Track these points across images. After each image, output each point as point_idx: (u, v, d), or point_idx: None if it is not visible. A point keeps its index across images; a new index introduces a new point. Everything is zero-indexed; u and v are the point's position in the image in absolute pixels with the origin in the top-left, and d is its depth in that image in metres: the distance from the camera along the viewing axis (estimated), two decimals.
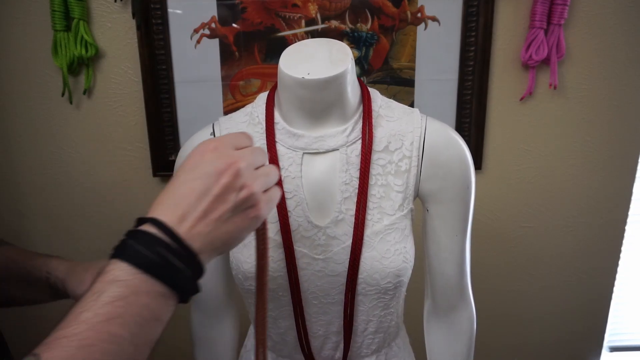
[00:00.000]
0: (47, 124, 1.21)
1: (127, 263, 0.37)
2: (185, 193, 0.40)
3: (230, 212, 0.41)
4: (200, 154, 0.42)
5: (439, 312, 0.73)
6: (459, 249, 0.66)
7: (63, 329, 0.34)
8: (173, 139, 1.21)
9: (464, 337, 0.73)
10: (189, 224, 0.39)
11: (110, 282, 0.36)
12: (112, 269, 0.37)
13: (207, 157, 0.42)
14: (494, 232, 1.32)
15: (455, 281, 0.69)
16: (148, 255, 0.37)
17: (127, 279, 0.36)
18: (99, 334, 0.34)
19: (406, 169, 0.62)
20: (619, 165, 1.27)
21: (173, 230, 0.38)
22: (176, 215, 0.39)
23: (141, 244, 0.37)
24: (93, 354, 0.34)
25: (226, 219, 0.41)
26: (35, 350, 0.34)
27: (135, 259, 0.37)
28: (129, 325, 0.36)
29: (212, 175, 0.41)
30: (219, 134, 0.63)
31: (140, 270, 0.37)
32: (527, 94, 1.20)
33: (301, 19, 1.14)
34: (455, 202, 0.63)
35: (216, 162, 0.41)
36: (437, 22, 1.15)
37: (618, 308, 1.45)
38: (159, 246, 0.38)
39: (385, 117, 0.62)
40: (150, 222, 0.39)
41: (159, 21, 1.13)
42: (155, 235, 0.38)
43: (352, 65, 0.61)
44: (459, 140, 0.63)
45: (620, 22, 1.16)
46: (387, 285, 0.62)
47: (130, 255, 0.37)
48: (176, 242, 0.38)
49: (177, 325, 0.73)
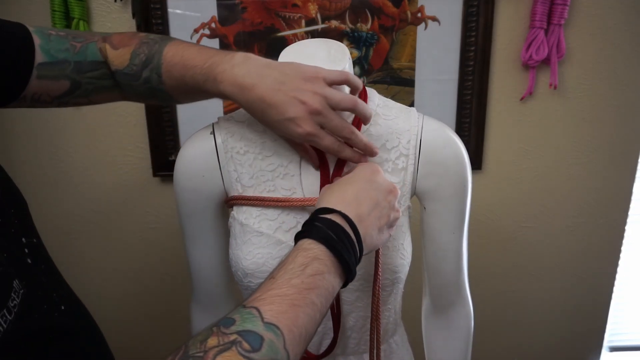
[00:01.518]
0: (47, 124, 1.21)
1: (324, 246, 0.45)
2: (364, 198, 0.50)
3: (386, 224, 0.53)
4: (372, 173, 0.53)
5: (437, 309, 0.73)
6: (455, 246, 0.67)
7: (276, 289, 0.42)
8: (173, 139, 1.21)
9: (462, 334, 0.74)
10: (365, 224, 0.49)
11: (313, 258, 0.44)
12: (313, 247, 0.45)
13: (379, 176, 0.53)
14: (493, 232, 1.32)
15: (453, 278, 0.69)
16: (339, 243, 0.46)
17: (324, 258, 0.45)
18: (305, 299, 0.42)
19: (403, 166, 0.62)
20: (619, 165, 1.27)
21: (357, 228, 0.48)
22: (356, 213, 0.48)
23: (334, 232, 0.46)
24: (299, 314, 0.41)
25: (382, 229, 0.52)
26: (252, 304, 0.41)
27: (331, 245, 0.45)
28: (323, 297, 0.44)
29: (384, 191, 0.52)
30: (218, 134, 0.63)
31: (334, 255, 0.45)
32: (527, 94, 1.20)
33: (301, 19, 1.14)
34: (451, 199, 0.64)
35: (385, 182, 0.53)
36: (437, 22, 1.15)
37: (618, 308, 1.45)
38: (347, 238, 0.47)
39: (382, 115, 0.63)
40: (339, 214, 0.48)
41: (159, 21, 1.12)
42: (344, 228, 0.47)
43: (350, 65, 0.61)
44: (456, 138, 0.64)
45: (620, 22, 1.16)
46: (384, 282, 0.62)
47: (327, 240, 0.45)
48: (357, 237, 0.48)
49: (178, 326, 0.73)
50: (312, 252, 0.45)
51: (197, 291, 0.73)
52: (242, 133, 0.63)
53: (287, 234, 0.62)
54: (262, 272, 0.61)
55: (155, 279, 1.34)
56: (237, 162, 0.62)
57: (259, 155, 0.62)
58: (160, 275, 1.34)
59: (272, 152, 0.62)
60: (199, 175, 0.63)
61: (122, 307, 1.37)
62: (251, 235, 0.62)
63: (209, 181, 0.63)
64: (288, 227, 0.62)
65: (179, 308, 1.33)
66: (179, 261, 1.29)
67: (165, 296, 1.35)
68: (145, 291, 1.35)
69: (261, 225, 0.61)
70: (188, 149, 0.64)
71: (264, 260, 0.61)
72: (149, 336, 1.40)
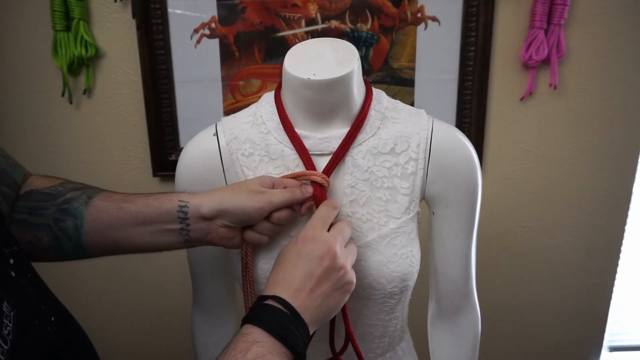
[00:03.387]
0: (47, 124, 1.21)
1: (261, 329, 0.47)
2: (296, 275, 0.51)
3: (331, 289, 0.52)
4: (302, 243, 0.52)
5: (444, 314, 0.72)
6: (464, 251, 0.66)
7: None
8: (173, 139, 1.21)
9: (468, 340, 0.72)
10: (301, 299, 0.50)
11: (253, 342, 0.46)
12: (252, 332, 0.47)
13: (309, 245, 0.52)
14: (493, 232, 1.32)
15: (461, 284, 0.68)
16: (276, 324, 0.47)
17: (264, 341, 0.46)
18: None
19: (412, 171, 0.61)
20: (619, 165, 1.27)
21: (291, 305, 0.49)
22: (290, 291, 0.50)
23: (270, 315, 0.48)
24: None
25: (328, 295, 0.52)
26: None
27: (268, 326, 0.47)
28: None
29: (316, 259, 0.51)
30: (222, 134, 0.62)
31: (272, 336, 0.46)
32: (527, 94, 1.20)
33: (301, 19, 1.14)
34: (461, 204, 0.63)
35: (317, 248, 0.52)
36: (437, 22, 1.15)
37: (618, 308, 1.45)
38: (284, 318, 0.48)
39: (391, 118, 0.62)
40: (273, 299, 0.49)
41: (159, 21, 1.13)
42: (279, 308, 0.48)
43: (359, 66, 0.60)
44: (466, 142, 0.62)
45: (620, 22, 1.16)
46: (393, 290, 0.61)
47: (264, 323, 0.47)
48: (293, 314, 0.49)
49: (181, 335, 0.73)
50: (251, 337, 0.46)
51: (198, 295, 0.72)
52: (247, 134, 0.61)
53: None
54: None
55: (156, 279, 1.34)
56: (243, 164, 0.61)
57: (265, 158, 0.61)
58: (160, 275, 1.34)
59: (278, 154, 0.60)
60: (202, 178, 0.62)
61: (122, 307, 1.36)
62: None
63: (212, 184, 0.62)
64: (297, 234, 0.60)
65: (179, 308, 1.33)
66: (179, 261, 1.29)
67: (165, 296, 1.35)
68: (145, 291, 1.35)
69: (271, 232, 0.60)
70: (190, 151, 0.63)
71: (269, 266, 0.59)
72: (149, 340, 1.39)
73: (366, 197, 0.60)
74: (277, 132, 0.61)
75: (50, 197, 0.57)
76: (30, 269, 0.48)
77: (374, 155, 0.60)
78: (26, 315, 0.42)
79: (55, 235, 0.55)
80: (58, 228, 0.55)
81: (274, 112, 0.61)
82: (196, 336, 0.76)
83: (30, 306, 0.44)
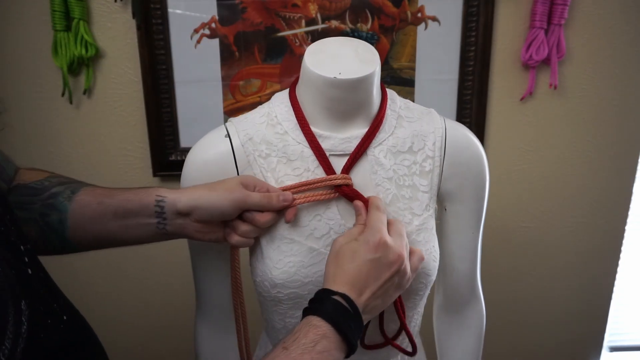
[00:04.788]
0: (47, 124, 1.21)
1: (330, 325, 0.50)
2: (365, 276, 0.53)
3: (392, 290, 0.56)
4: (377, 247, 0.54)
5: (451, 307, 0.74)
6: (473, 245, 0.68)
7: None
8: (173, 139, 1.21)
9: (474, 332, 0.74)
10: (364, 298, 0.53)
11: (322, 336, 0.49)
12: (322, 325, 0.50)
13: (383, 250, 0.54)
14: (493, 232, 1.32)
15: (468, 277, 0.70)
16: (343, 322, 0.50)
17: (331, 337, 0.49)
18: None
19: (430, 169, 0.62)
20: (619, 165, 1.27)
21: (356, 305, 0.52)
22: (356, 291, 0.52)
23: (340, 314, 0.51)
24: None
25: (388, 294, 0.55)
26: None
27: (338, 325, 0.50)
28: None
29: (387, 265, 0.54)
30: (235, 135, 0.61)
31: (339, 333, 0.50)
32: (527, 94, 1.20)
33: (301, 19, 1.14)
34: (472, 200, 0.65)
35: (390, 254, 0.54)
36: (437, 22, 1.15)
37: (618, 308, 1.45)
38: (350, 318, 0.51)
39: (406, 117, 0.62)
40: (341, 296, 0.52)
41: (159, 21, 1.12)
42: (346, 306, 0.51)
43: (379, 66, 0.60)
44: (475, 139, 0.65)
45: (620, 22, 1.16)
46: (418, 286, 0.62)
47: (335, 321, 0.50)
48: (355, 312, 0.52)
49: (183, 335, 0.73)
50: (321, 330, 0.49)
51: (202, 303, 0.70)
52: (262, 135, 0.60)
53: (320, 240, 0.59)
54: (293, 282, 0.59)
55: (156, 280, 1.34)
56: (261, 166, 0.60)
57: (282, 159, 0.60)
58: (160, 276, 1.34)
59: (297, 155, 0.59)
60: (215, 180, 0.59)
61: (123, 307, 1.36)
62: (281, 243, 0.59)
63: None
64: (320, 234, 0.59)
65: (180, 309, 1.33)
66: (179, 261, 1.29)
67: (166, 296, 1.35)
68: (146, 292, 1.35)
69: (292, 232, 0.59)
70: (200, 152, 0.61)
71: (296, 269, 0.59)
72: (150, 341, 1.39)
73: (392, 195, 0.61)
74: (295, 132, 0.60)
75: (36, 191, 0.57)
76: (42, 267, 0.48)
77: (394, 154, 0.61)
78: (39, 314, 0.42)
79: (42, 230, 0.56)
80: (44, 223, 0.56)
81: (290, 112, 0.61)
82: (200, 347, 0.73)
83: (43, 305, 0.44)
